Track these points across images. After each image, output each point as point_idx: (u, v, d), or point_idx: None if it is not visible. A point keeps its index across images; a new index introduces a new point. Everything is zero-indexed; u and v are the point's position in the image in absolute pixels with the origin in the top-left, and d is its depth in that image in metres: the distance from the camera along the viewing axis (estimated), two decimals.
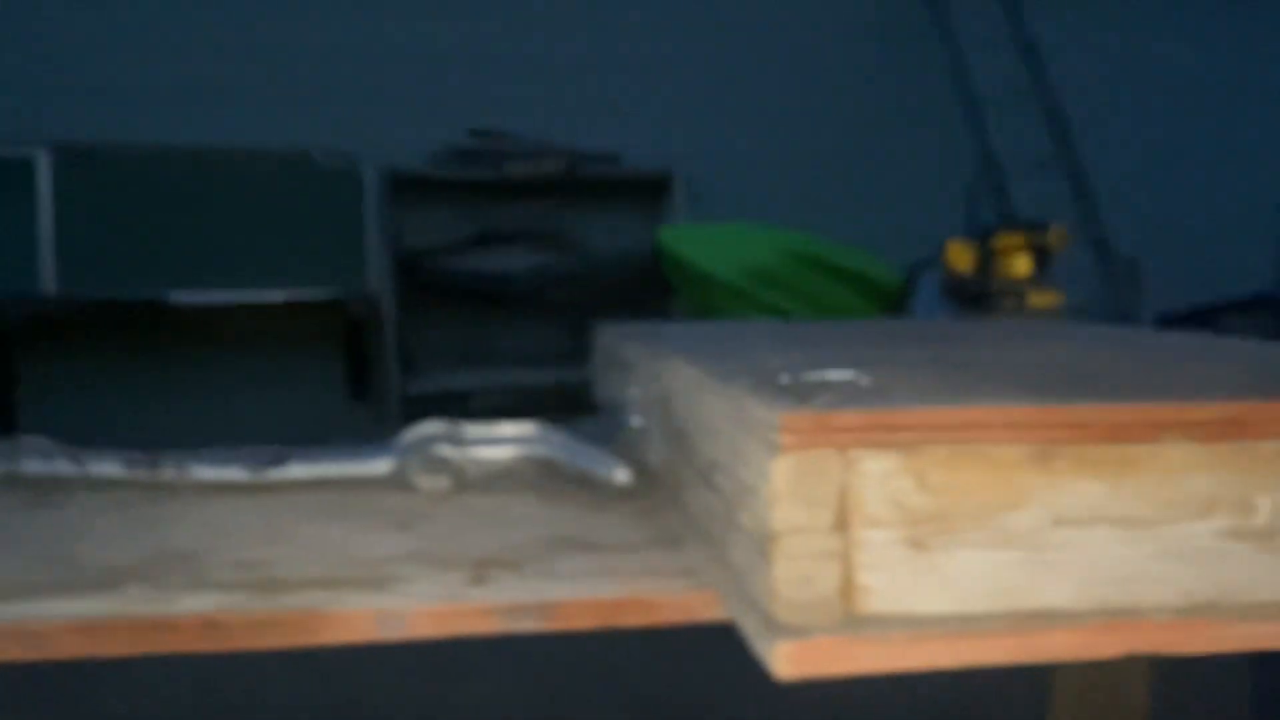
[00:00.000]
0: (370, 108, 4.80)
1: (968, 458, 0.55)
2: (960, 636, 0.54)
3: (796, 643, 0.53)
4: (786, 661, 0.53)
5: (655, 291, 4.69)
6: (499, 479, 0.95)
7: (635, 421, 0.96)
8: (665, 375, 0.87)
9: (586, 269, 4.73)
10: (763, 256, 3.98)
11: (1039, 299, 1.38)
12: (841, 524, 0.54)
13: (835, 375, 0.67)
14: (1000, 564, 0.55)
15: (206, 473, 0.97)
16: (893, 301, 3.51)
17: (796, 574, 0.54)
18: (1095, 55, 5.52)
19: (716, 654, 1.03)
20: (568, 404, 1.23)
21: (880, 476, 0.54)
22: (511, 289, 4.59)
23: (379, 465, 0.95)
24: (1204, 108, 5.83)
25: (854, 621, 0.54)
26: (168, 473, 0.97)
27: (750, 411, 0.59)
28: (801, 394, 0.60)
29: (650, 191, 4.88)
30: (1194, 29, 5.79)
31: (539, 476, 0.96)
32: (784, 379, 0.67)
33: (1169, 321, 4.85)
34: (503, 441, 0.94)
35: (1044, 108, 4.53)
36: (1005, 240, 1.40)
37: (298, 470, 0.96)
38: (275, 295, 4.45)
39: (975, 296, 1.41)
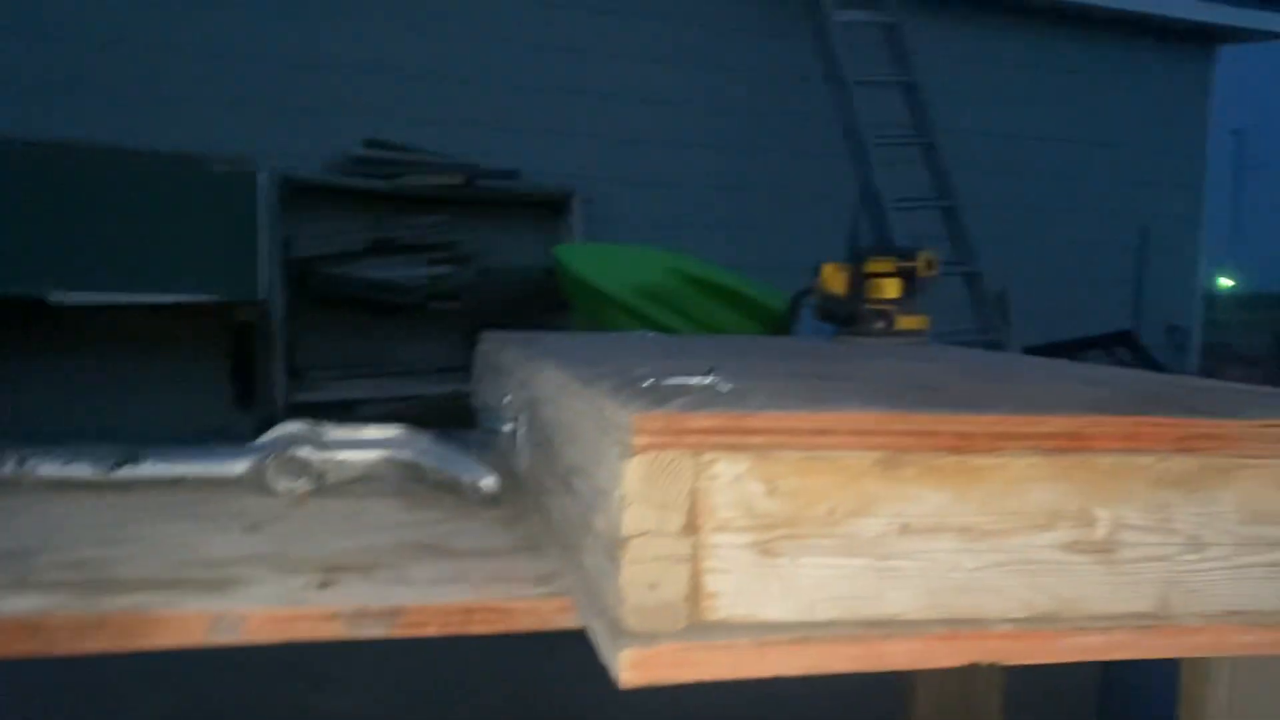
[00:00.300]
0: (267, 113, 4.69)
1: (817, 463, 0.55)
2: (805, 644, 0.54)
3: (641, 650, 0.52)
4: (631, 669, 0.52)
5: (550, 307, 4.68)
6: (361, 482, 0.92)
7: (507, 427, 0.95)
8: (534, 380, 0.86)
9: (481, 282, 4.69)
10: (655, 277, 4.01)
11: (907, 321, 1.41)
12: (691, 528, 0.54)
13: (696, 381, 0.67)
14: (847, 571, 0.55)
15: (50, 469, 0.92)
16: (777, 324, 3.57)
17: (644, 579, 0.53)
18: (974, 101, 5.76)
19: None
20: (458, 416, 1.20)
21: (731, 480, 0.54)
22: (404, 299, 4.51)
23: (236, 466, 0.91)
24: (1072, 158, 6.13)
25: (700, 628, 0.54)
26: (7, 469, 0.92)
27: (607, 413, 0.58)
28: (659, 397, 0.59)
29: (548, 210, 4.87)
30: (1063, 87, 6.09)
31: (404, 481, 0.93)
32: (645, 383, 0.67)
33: (1033, 353, 5.06)
34: (366, 444, 0.91)
35: (923, 145, 4.69)
36: (876, 264, 1.42)
37: (150, 469, 0.92)
38: (163, 298, 4.28)
39: (847, 317, 1.43)
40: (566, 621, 0.65)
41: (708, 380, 0.67)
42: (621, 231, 4.84)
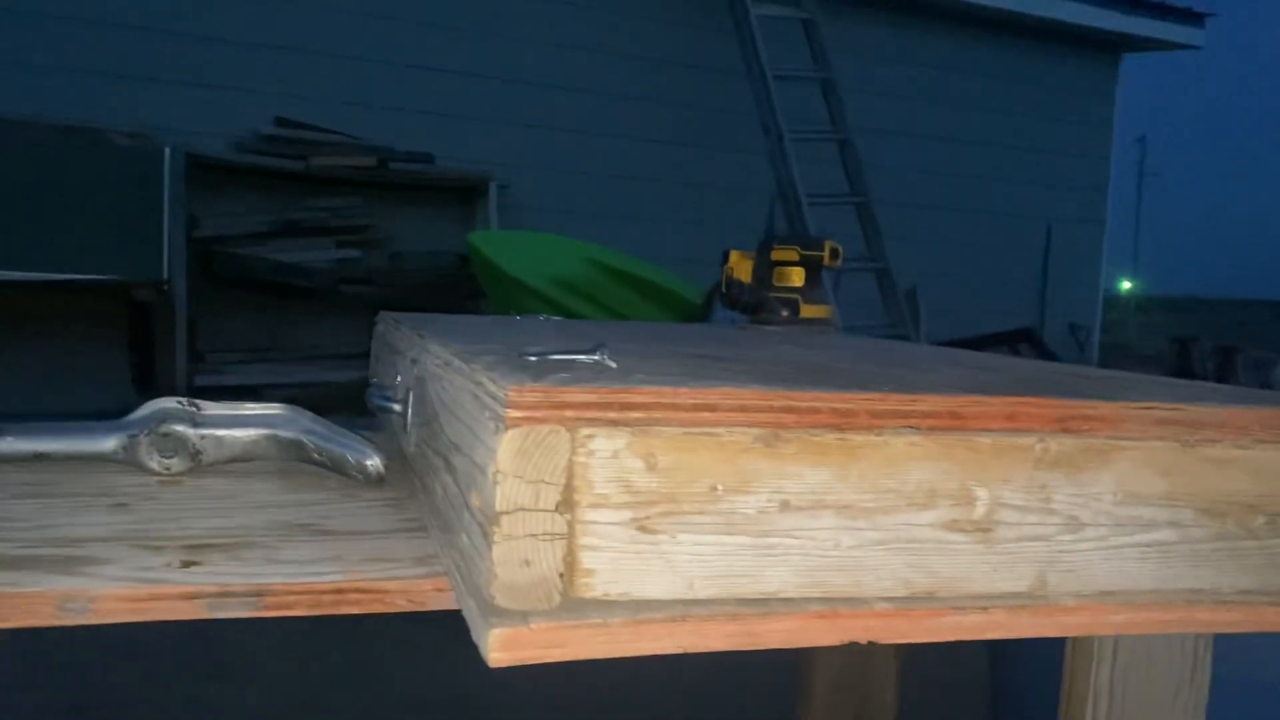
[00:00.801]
0: (173, 88, 4.54)
1: (698, 440, 0.54)
2: (681, 623, 0.53)
3: (511, 629, 0.50)
4: (500, 648, 0.50)
5: (464, 294, 4.62)
6: (241, 461, 0.89)
7: (396, 407, 0.92)
8: (423, 358, 0.83)
9: (393, 267, 4.61)
10: (570, 266, 3.99)
11: (812, 310, 1.41)
12: (567, 504, 0.52)
13: (582, 357, 0.65)
14: (726, 549, 0.54)
15: None
16: (693, 316, 3.59)
17: (517, 556, 0.51)
18: (889, 100, 5.85)
19: None
20: (365, 403, 1.17)
21: (609, 456, 0.52)
22: (312, 283, 4.41)
23: (106, 442, 0.87)
24: (982, 159, 6.28)
25: (575, 606, 0.52)
26: None
27: (485, 387, 0.56)
28: (539, 371, 0.57)
29: (463, 196, 4.82)
30: (975, 90, 6.23)
31: (287, 460, 0.90)
32: (530, 358, 0.65)
33: (941, 346, 5.18)
34: (246, 422, 0.88)
35: (838, 142, 4.75)
36: (781, 252, 1.42)
37: (11, 444, 0.87)
38: (60, 276, 4.11)
39: (752, 305, 1.43)
40: (443, 602, 0.63)
41: (595, 356, 0.66)
42: (539, 220, 4.81)
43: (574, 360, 0.65)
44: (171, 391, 4.31)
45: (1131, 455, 0.60)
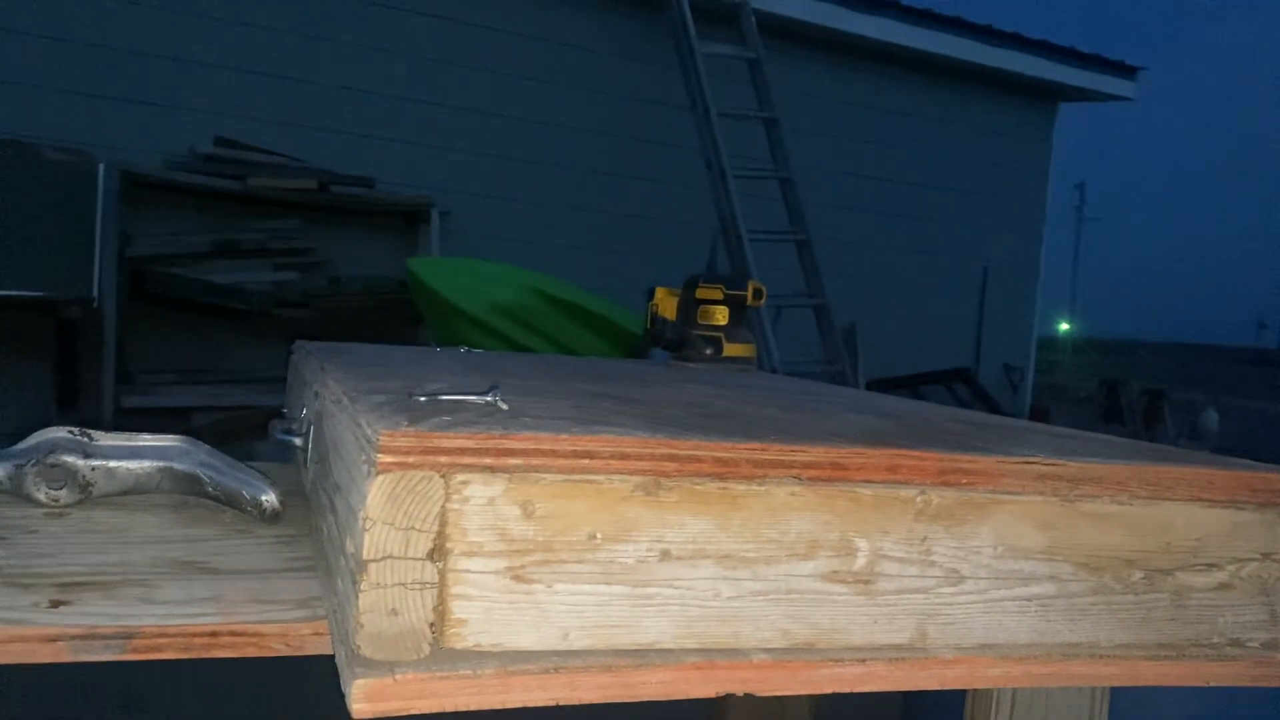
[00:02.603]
0: (110, 104, 4.46)
1: (577, 487, 0.53)
2: (554, 674, 0.52)
3: (376, 680, 0.49)
4: (364, 699, 0.49)
5: (402, 320, 4.58)
6: (134, 494, 0.86)
7: (298, 441, 0.90)
8: (323, 392, 0.82)
9: (331, 291, 4.56)
10: (511, 295, 3.97)
11: (734, 349, 1.42)
12: (440, 552, 0.51)
13: (475, 398, 0.64)
14: (603, 599, 0.54)
15: None
16: (635, 347, 3.58)
17: (384, 604, 0.50)
18: (832, 140, 5.95)
19: None
20: None
21: (485, 503, 0.52)
22: (247, 305, 4.34)
23: None
24: (922, 200, 6.40)
25: (444, 657, 0.51)
26: None
27: (363, 428, 0.55)
28: (420, 414, 0.57)
29: (404, 220, 4.78)
30: (916, 132, 6.35)
31: (182, 494, 0.88)
32: (420, 399, 0.64)
33: (876, 385, 5.24)
34: (140, 453, 0.85)
35: (780, 180, 4.81)
36: (706, 290, 1.43)
37: None
38: None
39: (677, 342, 1.44)
40: (322, 646, 0.62)
41: (487, 398, 0.65)
42: (481, 248, 4.79)
43: (465, 401, 0.64)
44: (97, 412, 4.21)
45: (1011, 509, 0.61)
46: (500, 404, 0.64)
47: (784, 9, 5.56)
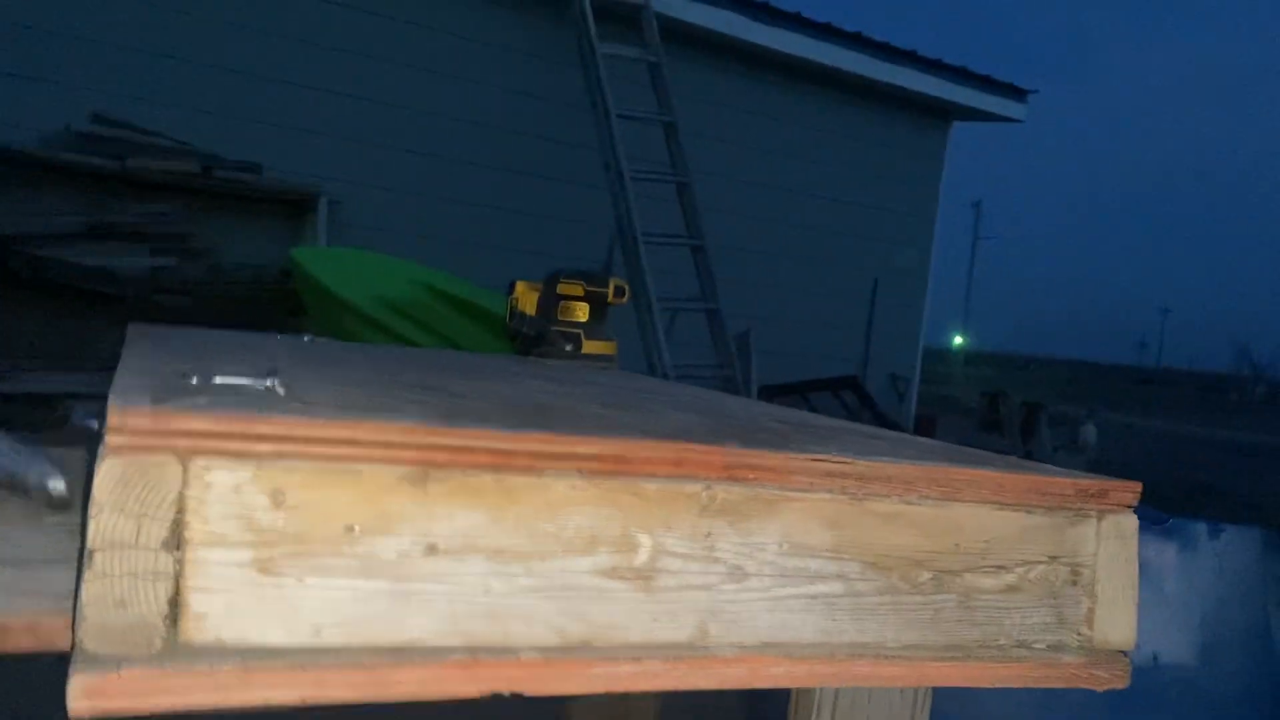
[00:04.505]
0: None
1: (335, 477, 0.51)
2: (300, 671, 0.49)
3: (98, 675, 0.46)
4: (82, 696, 0.46)
5: (285, 310, 4.46)
6: None
7: (95, 424, 0.85)
8: (115, 379, 0.78)
9: (212, 279, 4.41)
10: (399, 288, 3.89)
11: (594, 346, 1.41)
12: (176, 541, 0.48)
13: (251, 382, 0.61)
14: (361, 594, 0.51)
15: None
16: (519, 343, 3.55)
17: (111, 595, 0.47)
18: (731, 148, 6.00)
19: None
20: None
21: (229, 490, 0.49)
22: (121, 290, 4.17)
23: None
24: (816, 211, 6.50)
25: (180, 652, 0.48)
26: None
27: (106, 409, 0.52)
28: (174, 396, 0.53)
29: (291, 209, 4.66)
30: (812, 143, 6.45)
31: None
32: (192, 380, 0.61)
33: (767, 391, 5.30)
34: None
35: (678, 184, 4.82)
36: (567, 286, 1.42)
37: None
38: None
39: (535, 337, 1.42)
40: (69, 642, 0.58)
41: (267, 382, 0.62)
42: (370, 240, 4.69)
43: (240, 386, 0.61)
44: None
45: (800, 506, 0.60)
46: (278, 389, 0.61)
47: (687, 14, 5.59)
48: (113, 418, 0.47)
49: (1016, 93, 7.22)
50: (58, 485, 0.79)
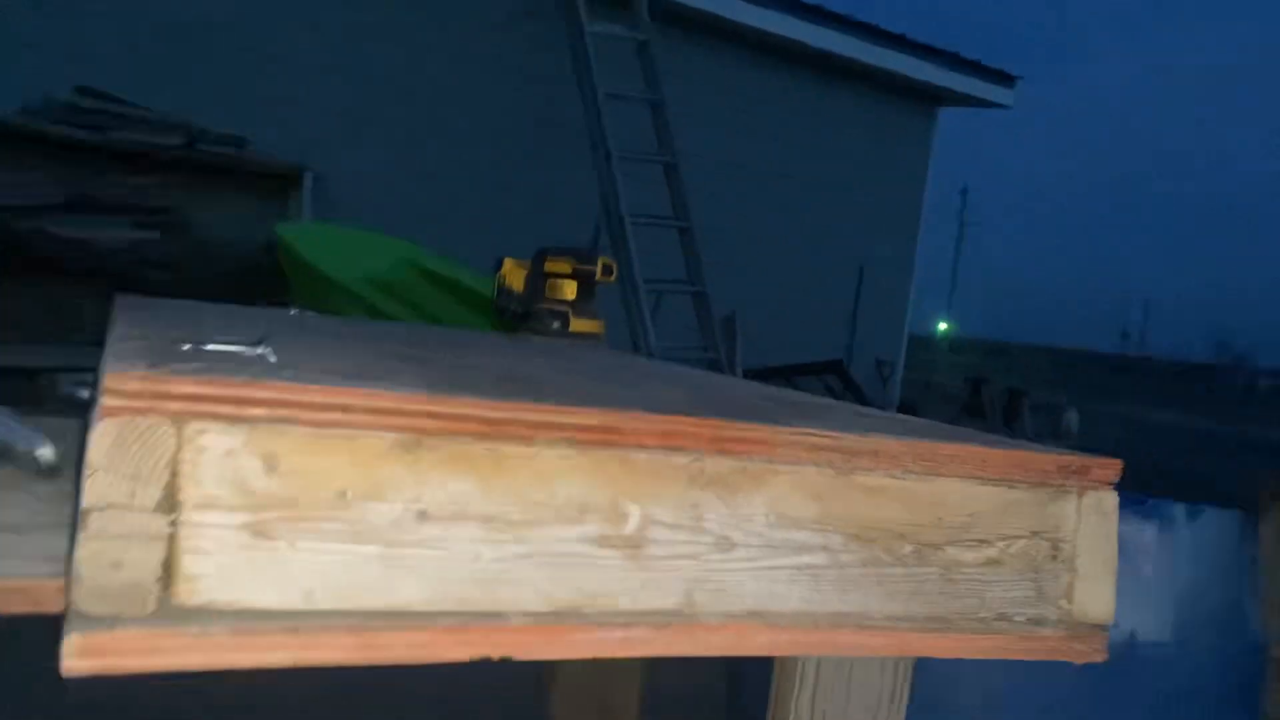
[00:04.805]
0: None
1: (329, 443, 0.51)
2: (292, 634, 0.50)
3: (93, 634, 0.47)
4: (77, 654, 0.46)
5: (269, 286, 4.44)
6: None
7: (85, 393, 0.86)
8: (107, 343, 0.78)
9: (195, 253, 4.38)
10: (383, 265, 3.88)
11: (581, 324, 1.41)
12: (171, 503, 0.48)
13: (243, 349, 0.62)
14: (353, 558, 0.52)
15: None
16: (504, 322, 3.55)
17: (106, 556, 0.47)
18: (719, 130, 5.99)
19: None
20: None
21: (222, 454, 0.49)
22: (101, 264, 4.14)
23: None
24: (804, 194, 6.51)
25: (174, 613, 0.49)
26: None
27: (103, 375, 0.52)
28: (168, 361, 0.54)
29: (276, 184, 4.63)
30: (800, 127, 6.45)
31: None
32: (185, 347, 0.61)
33: (752, 374, 5.32)
34: None
35: (665, 165, 4.82)
36: (555, 264, 1.42)
37: None
38: None
39: (523, 315, 1.42)
40: (61, 605, 0.58)
41: (257, 350, 0.62)
42: (355, 215, 4.67)
43: (233, 353, 0.61)
44: None
45: (786, 479, 0.61)
46: (269, 356, 0.61)
47: None
48: (109, 380, 0.47)
49: (1004, 78, 7.23)
50: (46, 452, 0.79)
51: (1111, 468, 0.70)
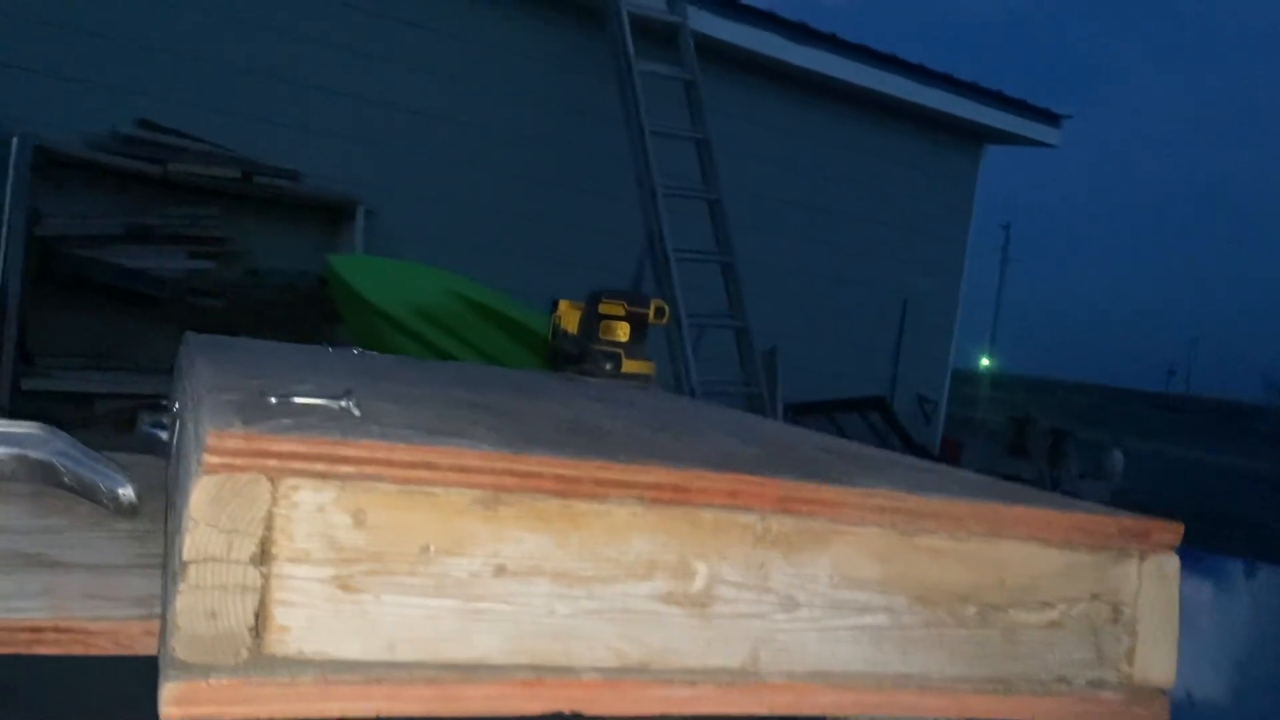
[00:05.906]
0: (29, 77, 4.32)
1: (412, 499, 0.53)
2: (375, 685, 0.52)
3: (189, 682, 0.49)
4: (173, 702, 0.48)
5: (320, 317, 4.51)
6: None
7: (164, 435, 0.89)
8: (187, 387, 0.81)
9: (249, 283, 4.47)
10: (433, 297, 3.93)
11: (633, 365, 1.43)
12: (264, 556, 0.51)
13: (328, 402, 0.64)
14: (433, 612, 0.54)
15: None
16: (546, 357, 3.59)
17: (203, 606, 0.50)
18: (763, 166, 6.02)
19: None
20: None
21: (314, 509, 0.51)
22: (158, 292, 4.24)
23: None
24: (848, 231, 6.51)
25: (263, 663, 0.51)
26: None
27: (199, 428, 0.55)
28: (261, 416, 0.56)
29: (328, 216, 4.72)
30: (846, 163, 6.46)
31: (37, 483, 0.86)
32: (272, 400, 0.63)
33: (794, 409, 5.31)
34: None
35: (709, 201, 4.85)
36: (608, 306, 1.44)
37: None
38: None
39: (577, 356, 1.44)
40: (153, 648, 0.61)
41: (342, 403, 0.65)
42: (406, 249, 4.74)
43: (317, 405, 0.63)
44: None
45: (850, 539, 0.62)
46: (354, 410, 0.63)
47: (722, 33, 5.62)
48: (210, 439, 0.49)
49: (1050, 117, 7.20)
50: (128, 493, 0.82)
51: (1173, 531, 0.70)
